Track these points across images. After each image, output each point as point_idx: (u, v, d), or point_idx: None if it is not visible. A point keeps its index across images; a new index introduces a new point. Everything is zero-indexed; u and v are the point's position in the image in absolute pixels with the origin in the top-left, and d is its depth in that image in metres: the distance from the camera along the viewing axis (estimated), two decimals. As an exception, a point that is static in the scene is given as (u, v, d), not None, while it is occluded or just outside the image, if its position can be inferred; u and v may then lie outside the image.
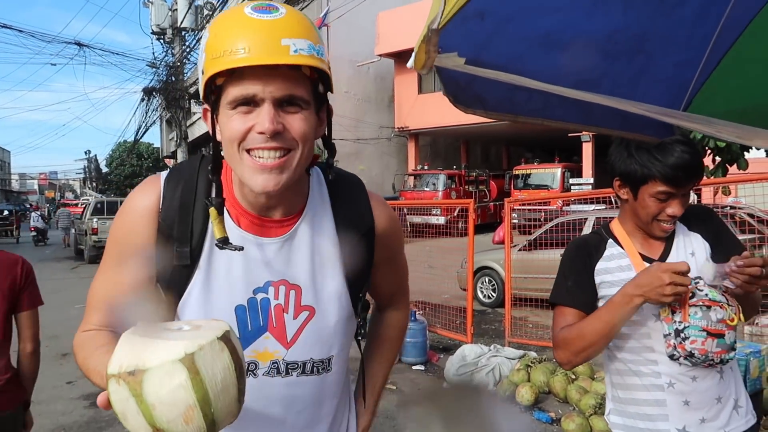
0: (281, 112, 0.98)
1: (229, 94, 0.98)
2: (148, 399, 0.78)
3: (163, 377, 0.77)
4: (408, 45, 20.48)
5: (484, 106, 0.98)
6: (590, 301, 1.61)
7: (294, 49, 0.94)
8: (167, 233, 1.08)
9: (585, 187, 17.36)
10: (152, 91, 19.40)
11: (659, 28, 1.05)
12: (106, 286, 1.12)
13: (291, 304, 1.12)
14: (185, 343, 0.79)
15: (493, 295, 8.52)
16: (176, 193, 1.10)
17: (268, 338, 1.11)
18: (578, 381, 4.66)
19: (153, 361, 0.78)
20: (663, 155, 1.45)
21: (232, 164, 1.03)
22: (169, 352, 0.78)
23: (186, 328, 0.86)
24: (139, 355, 0.79)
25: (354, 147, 23.60)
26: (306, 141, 1.01)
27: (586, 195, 9.50)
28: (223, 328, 0.85)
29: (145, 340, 0.81)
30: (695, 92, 1.21)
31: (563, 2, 0.90)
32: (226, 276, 1.09)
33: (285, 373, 1.13)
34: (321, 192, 1.18)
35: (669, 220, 1.53)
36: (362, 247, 1.17)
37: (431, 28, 0.55)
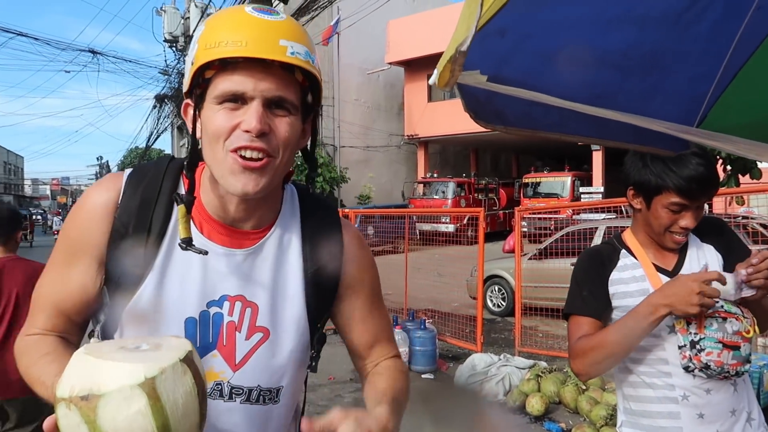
0: (269, 113, 0.95)
1: (218, 87, 0.94)
2: (104, 426, 0.71)
3: (121, 403, 0.71)
4: (418, 53, 20.60)
5: (503, 122, 0.99)
6: (606, 311, 1.60)
7: (291, 51, 0.92)
8: (122, 232, 1.01)
9: (595, 196, 17.29)
10: (164, 98, 19.61)
11: (674, 44, 1.07)
12: (52, 287, 1.05)
13: (245, 323, 1.04)
14: (145, 366, 0.73)
15: (503, 303, 8.50)
16: (137, 191, 1.03)
17: (216, 356, 1.03)
18: (589, 392, 4.64)
19: (110, 386, 0.71)
20: (678, 167, 1.46)
21: (212, 163, 0.98)
22: (128, 376, 0.72)
23: (145, 347, 0.79)
24: (94, 377, 0.72)
25: (363, 154, 23.68)
26: (287, 148, 0.97)
27: (597, 204, 9.47)
28: (186, 348, 0.79)
29: (100, 362, 0.74)
30: (710, 107, 1.22)
31: (580, 19, 0.92)
32: (180, 284, 1.01)
33: (228, 398, 1.03)
34: (293, 209, 1.12)
35: (681, 232, 1.53)
36: (328, 271, 1.10)
37: (460, 50, 0.57)
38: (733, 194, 5.72)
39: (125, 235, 1.00)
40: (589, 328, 1.57)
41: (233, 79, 0.92)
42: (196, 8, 18.89)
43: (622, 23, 0.96)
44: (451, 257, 8.28)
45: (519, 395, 4.79)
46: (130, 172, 1.07)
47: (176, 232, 1.01)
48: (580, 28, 0.94)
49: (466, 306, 7.87)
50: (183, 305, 1.01)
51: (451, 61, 0.59)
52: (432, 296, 8.08)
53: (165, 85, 19.80)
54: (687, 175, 1.45)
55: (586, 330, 1.57)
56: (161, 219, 1.02)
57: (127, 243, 1.00)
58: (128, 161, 46.68)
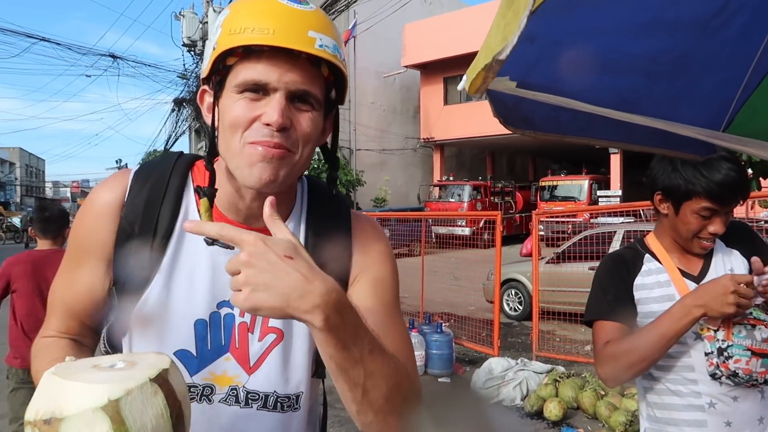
0: (291, 107, 0.89)
1: (240, 75, 0.88)
2: None
3: (82, 428, 0.66)
4: (434, 56, 20.61)
5: (531, 127, 1.00)
6: (631, 316, 1.58)
7: (319, 43, 0.87)
8: (128, 232, 0.97)
9: (613, 199, 17.14)
10: (182, 101, 19.82)
11: (703, 49, 1.06)
12: (63, 289, 1.03)
13: (257, 324, 0.99)
14: (110, 387, 0.67)
15: (520, 307, 8.46)
16: (144, 188, 0.99)
17: (229, 360, 0.98)
18: (608, 397, 4.59)
19: (71, 409, 0.66)
20: (709, 172, 1.44)
21: (227, 155, 0.93)
22: (90, 398, 0.67)
23: (120, 365, 0.75)
24: (57, 400, 0.68)
25: (379, 157, 23.71)
26: (308, 144, 0.92)
27: (615, 208, 9.38)
28: (161, 365, 0.73)
29: (65, 383, 0.69)
30: (736, 111, 1.21)
31: (609, 26, 0.92)
32: (189, 285, 0.97)
33: (244, 403, 0.98)
34: (303, 204, 1.08)
35: (710, 238, 1.51)
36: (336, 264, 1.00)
37: (497, 58, 0.57)
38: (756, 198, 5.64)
39: (131, 234, 0.97)
40: (616, 333, 1.55)
41: (257, 68, 0.87)
42: (214, 13, 19.08)
43: (651, 29, 0.96)
44: (467, 260, 8.26)
45: (536, 400, 4.76)
46: (136, 169, 1.03)
47: (183, 231, 0.97)
48: (609, 35, 0.94)
49: (482, 310, 7.84)
50: (192, 306, 0.96)
51: (485, 69, 0.60)
52: (448, 300, 8.06)
53: (183, 89, 20.05)
54: (718, 180, 1.43)
55: (614, 335, 1.55)
56: (168, 217, 0.98)
57: (134, 243, 0.96)
58: (146, 164, 47.13)
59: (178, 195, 1.00)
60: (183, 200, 1.00)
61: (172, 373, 0.74)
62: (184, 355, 0.97)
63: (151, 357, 0.78)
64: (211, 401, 0.97)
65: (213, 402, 0.97)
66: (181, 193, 1.00)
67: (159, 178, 1.00)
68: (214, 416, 0.97)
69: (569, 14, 0.84)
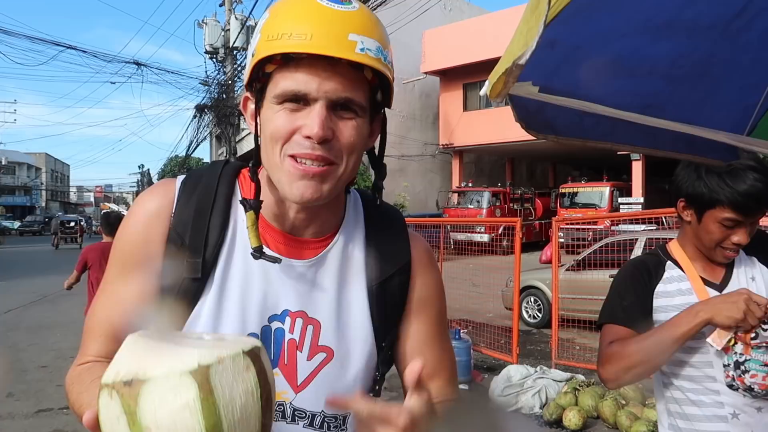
0: (333, 116, 0.86)
1: (279, 85, 0.85)
2: (143, 420, 0.59)
3: (166, 392, 0.59)
4: (454, 63, 20.61)
5: (554, 132, 1.00)
6: (644, 324, 1.55)
7: (361, 47, 0.83)
8: (178, 241, 0.93)
9: (635, 206, 16.91)
10: (204, 108, 20.11)
11: (724, 53, 1.06)
12: (107, 309, 0.96)
13: (307, 342, 0.95)
14: (201, 352, 0.61)
15: (539, 315, 8.38)
16: (192, 197, 0.96)
17: (277, 375, 0.94)
18: (629, 407, 4.53)
19: (156, 370, 0.60)
20: (734, 181, 1.41)
21: (269, 166, 0.90)
22: (179, 361, 0.60)
23: (207, 338, 0.70)
24: (142, 361, 0.62)
25: (398, 163, 23.73)
26: (352, 153, 0.89)
27: (636, 215, 9.26)
28: (253, 342, 0.67)
29: (154, 343, 0.64)
30: (761, 116, 1.20)
31: (629, 29, 0.93)
32: (241, 297, 0.93)
33: (291, 419, 0.95)
34: (357, 217, 1.03)
35: (733, 248, 1.49)
36: (395, 286, 1.00)
37: (517, 63, 0.59)
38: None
39: (182, 246, 0.93)
40: (624, 336, 1.53)
41: (296, 78, 0.84)
42: (236, 20, 19.36)
43: (670, 31, 0.97)
44: (485, 267, 8.21)
45: (556, 408, 4.71)
46: (183, 177, 1.00)
47: (234, 241, 0.95)
48: (628, 38, 0.95)
49: (501, 317, 7.79)
50: (243, 320, 0.93)
51: (506, 74, 0.61)
52: (467, 306, 8.02)
53: (205, 96, 20.34)
54: (743, 190, 1.40)
55: (621, 336, 1.54)
56: (218, 227, 0.94)
57: (185, 255, 0.92)
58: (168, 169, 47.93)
59: (227, 204, 0.96)
60: (231, 210, 0.97)
61: (264, 353, 0.68)
62: None
63: (239, 336, 0.73)
64: None
65: None
66: (230, 203, 0.97)
67: (207, 188, 0.97)
68: None
69: (589, 19, 0.85)
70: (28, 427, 4.77)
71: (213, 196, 0.96)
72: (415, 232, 1.09)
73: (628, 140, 1.11)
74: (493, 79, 0.66)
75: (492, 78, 0.66)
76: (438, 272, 1.09)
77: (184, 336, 0.71)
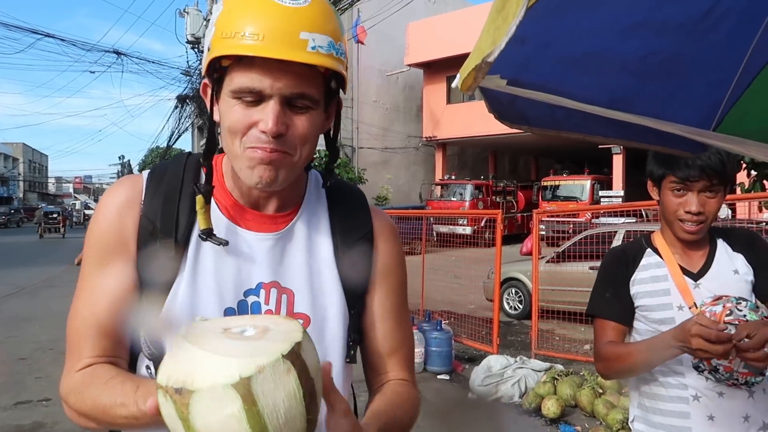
0: (287, 110, 0.90)
1: (234, 81, 0.89)
2: (196, 425, 0.64)
3: (213, 404, 0.63)
4: (437, 55, 20.62)
5: (527, 123, 1.03)
6: (627, 313, 1.64)
7: (312, 46, 0.86)
8: (150, 227, 0.97)
9: (615, 199, 17.14)
10: (186, 98, 19.88)
11: (692, 51, 1.09)
12: (89, 306, 0.97)
13: (282, 311, 0.99)
14: (241, 363, 0.64)
15: (520, 306, 8.49)
16: (160, 186, 1.00)
17: None
18: (605, 395, 4.63)
19: (201, 383, 0.64)
20: (682, 155, 1.50)
21: (231, 155, 0.95)
22: (221, 374, 0.63)
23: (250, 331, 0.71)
24: (188, 369, 0.65)
25: (382, 156, 23.75)
26: (306, 143, 0.94)
27: (616, 208, 9.40)
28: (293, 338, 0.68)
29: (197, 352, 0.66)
30: (726, 112, 1.24)
31: (599, 27, 0.95)
32: (215, 274, 0.97)
33: None
34: (318, 192, 1.09)
35: (690, 220, 1.54)
36: (359, 253, 1.05)
37: (486, 60, 0.61)
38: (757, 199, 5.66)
39: (154, 233, 0.97)
40: (615, 334, 1.62)
41: (250, 76, 0.88)
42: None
43: (641, 31, 0.99)
44: (468, 259, 8.29)
45: (535, 398, 4.79)
46: (149, 171, 1.04)
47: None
48: (598, 36, 0.97)
49: (482, 308, 7.88)
50: (220, 296, 0.96)
51: (475, 69, 0.64)
52: (448, 298, 8.10)
53: (187, 86, 20.10)
54: (686, 158, 1.50)
55: (612, 335, 1.62)
56: (187, 211, 0.98)
57: (157, 240, 0.96)
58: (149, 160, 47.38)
59: (194, 191, 0.99)
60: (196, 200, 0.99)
61: (305, 345, 0.69)
62: None
63: (282, 324, 0.74)
64: None
65: None
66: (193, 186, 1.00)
67: (174, 176, 1.01)
68: None
69: (560, 17, 0.88)
70: (7, 419, 4.73)
71: (180, 183, 1.01)
72: (377, 208, 1.15)
73: (600, 132, 1.14)
74: (463, 73, 0.69)
75: (462, 72, 0.69)
76: (400, 245, 1.14)
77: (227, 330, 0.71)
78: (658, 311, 1.58)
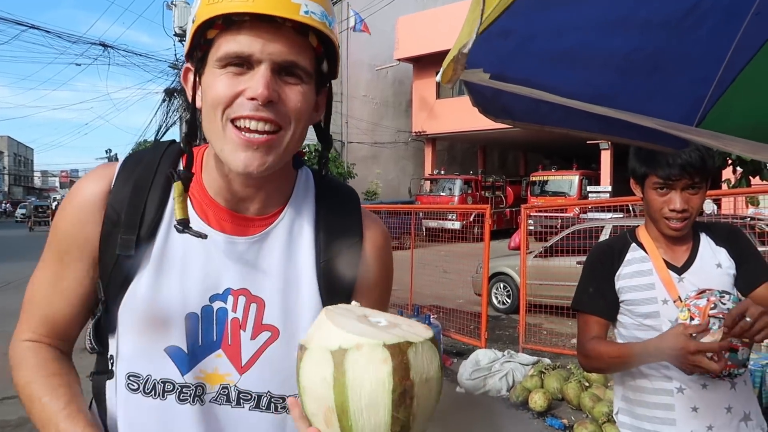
0: (278, 80, 0.83)
1: (221, 48, 0.82)
2: (301, 379, 0.71)
3: (314, 363, 0.69)
4: (427, 50, 20.59)
5: (511, 117, 1.04)
6: (611, 308, 1.66)
7: (305, 10, 0.81)
8: (115, 218, 0.91)
9: (603, 195, 17.26)
10: (173, 92, 19.71)
11: (675, 48, 1.10)
12: (45, 288, 0.95)
13: (250, 321, 0.92)
14: (346, 336, 0.68)
15: (508, 301, 8.53)
16: (131, 176, 0.93)
17: (220, 357, 0.91)
18: (592, 388, 4.67)
19: (312, 343, 0.70)
20: (662, 152, 1.51)
21: (211, 136, 0.87)
22: (328, 340, 0.68)
23: (383, 323, 0.73)
24: (313, 332, 0.72)
25: (371, 150, 23.72)
26: (300, 120, 0.86)
27: (604, 203, 9.46)
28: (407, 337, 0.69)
29: (325, 322, 0.72)
30: (709, 108, 1.26)
31: (583, 23, 0.96)
32: (180, 276, 0.90)
33: (236, 403, 0.92)
34: (306, 194, 1.00)
35: (674, 217, 1.55)
36: (344, 264, 0.96)
37: (462, 51, 0.61)
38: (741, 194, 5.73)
39: (118, 223, 0.91)
40: (597, 328, 1.64)
41: (238, 40, 0.81)
42: (206, 2, 18.91)
43: (624, 27, 1.00)
44: (456, 254, 8.31)
45: (522, 391, 4.83)
46: (124, 158, 0.98)
47: (174, 218, 0.90)
48: (583, 32, 0.98)
49: (471, 302, 7.91)
50: (184, 299, 0.90)
51: (454, 60, 0.64)
52: (437, 292, 8.12)
53: (175, 79, 19.93)
54: (667, 157, 1.51)
55: (595, 329, 1.64)
56: (156, 203, 0.92)
57: (119, 231, 0.90)
58: (137, 154, 46.88)
59: (167, 182, 0.93)
60: (173, 187, 0.92)
61: (420, 351, 0.69)
62: (175, 352, 0.91)
63: (415, 327, 0.74)
64: (203, 402, 0.91)
65: (205, 402, 0.91)
66: (171, 180, 0.93)
67: (148, 165, 0.95)
68: (206, 418, 0.91)
69: (544, 11, 0.88)
70: (-9, 415, 4.69)
71: (153, 173, 0.94)
72: (372, 213, 1.07)
73: (583, 126, 1.15)
74: (444, 65, 0.69)
75: (444, 64, 0.69)
76: (390, 255, 1.06)
77: (363, 317, 0.74)
78: (643, 305, 1.59)
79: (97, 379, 0.97)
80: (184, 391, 0.91)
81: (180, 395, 0.91)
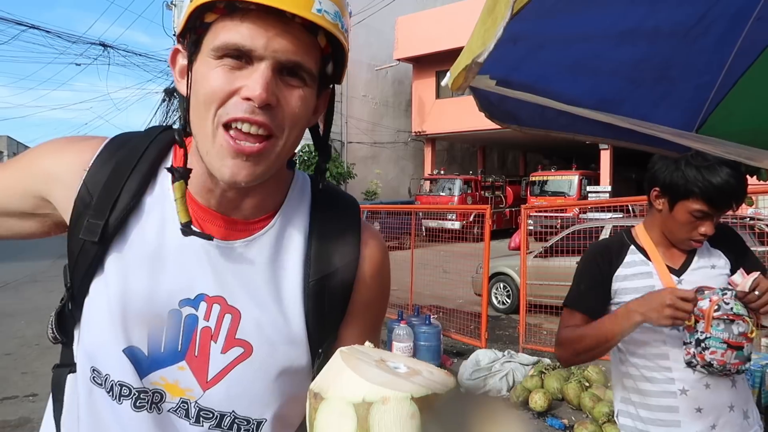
0: (278, 80, 0.75)
1: (219, 36, 0.73)
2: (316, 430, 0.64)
3: (333, 415, 0.63)
4: (426, 50, 20.60)
5: (517, 122, 1.04)
6: (599, 308, 1.66)
7: (318, 8, 0.72)
8: (87, 199, 0.82)
9: (602, 195, 17.26)
10: (173, 91, 19.70)
11: (683, 56, 1.11)
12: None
13: (222, 332, 0.83)
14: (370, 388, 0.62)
15: (508, 301, 8.54)
16: (114, 156, 0.85)
17: (183, 369, 0.82)
18: (592, 389, 4.68)
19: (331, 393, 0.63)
20: (710, 175, 1.46)
21: (199, 135, 0.78)
22: (349, 391, 0.62)
23: (402, 369, 0.68)
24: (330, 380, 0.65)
25: (371, 150, 23.72)
26: (295, 126, 0.78)
27: (604, 203, 9.48)
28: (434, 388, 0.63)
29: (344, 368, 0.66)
30: (709, 113, 1.27)
31: (593, 32, 0.96)
32: (150, 273, 0.82)
33: (195, 420, 0.83)
34: (301, 202, 0.91)
35: (700, 239, 1.56)
36: (337, 284, 0.87)
37: (476, 61, 0.62)
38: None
39: (89, 205, 0.82)
40: (578, 321, 1.65)
41: (240, 30, 0.72)
42: (206, 2, 18.90)
43: (633, 38, 1.01)
44: (456, 254, 8.31)
45: (522, 391, 4.84)
46: (112, 137, 0.88)
47: (152, 210, 0.84)
48: (591, 41, 0.99)
49: (470, 303, 7.92)
50: (150, 299, 0.81)
51: (466, 69, 0.64)
52: (437, 292, 8.12)
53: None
54: (717, 183, 1.46)
55: (575, 322, 1.65)
56: (133, 191, 0.83)
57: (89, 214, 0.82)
58: (136, 154, 46.86)
59: (150, 170, 0.85)
60: (158, 176, 0.86)
61: (448, 402, 0.64)
62: (133, 354, 0.82)
63: (436, 374, 0.69)
64: (160, 410, 0.83)
65: (162, 411, 0.83)
66: (155, 169, 0.86)
67: (133, 149, 0.86)
68: (163, 427, 0.83)
69: (553, 19, 0.88)
70: (-7, 415, 4.69)
71: (137, 158, 0.85)
72: (371, 225, 0.98)
73: (589, 131, 1.16)
74: (453, 73, 0.69)
75: (453, 72, 0.69)
76: (389, 272, 0.97)
77: (382, 361, 0.68)
78: None
79: (58, 372, 0.89)
80: (141, 397, 0.82)
81: (136, 402, 0.82)
